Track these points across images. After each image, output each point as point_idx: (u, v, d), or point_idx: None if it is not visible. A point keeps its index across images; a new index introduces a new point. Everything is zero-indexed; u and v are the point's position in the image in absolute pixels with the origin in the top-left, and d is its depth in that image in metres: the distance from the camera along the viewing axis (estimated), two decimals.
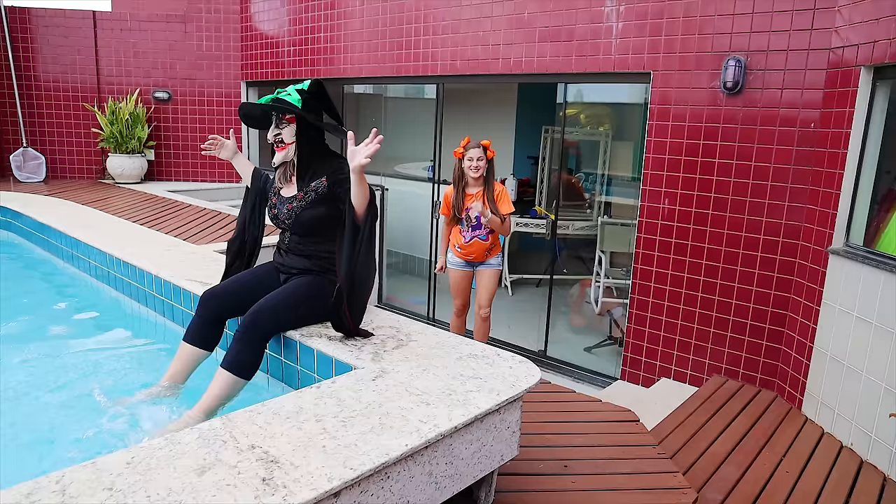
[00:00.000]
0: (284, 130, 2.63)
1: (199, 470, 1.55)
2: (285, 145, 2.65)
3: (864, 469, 3.11)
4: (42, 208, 5.54)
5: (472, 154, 4.21)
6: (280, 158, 2.68)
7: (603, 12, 4.45)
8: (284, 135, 2.64)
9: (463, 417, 1.87)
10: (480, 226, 4.28)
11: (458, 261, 4.43)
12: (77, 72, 8.07)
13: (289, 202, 2.67)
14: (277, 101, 2.61)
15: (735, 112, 3.95)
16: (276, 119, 2.64)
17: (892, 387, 3.05)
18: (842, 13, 3.51)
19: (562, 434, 2.87)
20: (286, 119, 2.62)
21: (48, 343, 3.35)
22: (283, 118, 2.62)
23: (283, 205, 2.69)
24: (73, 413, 2.55)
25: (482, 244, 4.31)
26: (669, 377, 4.41)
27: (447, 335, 2.58)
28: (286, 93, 2.62)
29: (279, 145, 2.66)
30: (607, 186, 6.87)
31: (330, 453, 1.65)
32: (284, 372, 2.65)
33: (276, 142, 2.66)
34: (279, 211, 2.70)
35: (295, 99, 2.60)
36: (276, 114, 2.63)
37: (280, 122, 2.63)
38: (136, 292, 3.70)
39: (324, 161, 2.68)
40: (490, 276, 4.39)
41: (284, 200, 2.70)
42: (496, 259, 4.40)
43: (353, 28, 6.47)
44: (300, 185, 2.68)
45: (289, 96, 2.60)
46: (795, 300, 3.83)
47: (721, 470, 3.03)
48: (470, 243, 4.32)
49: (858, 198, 3.46)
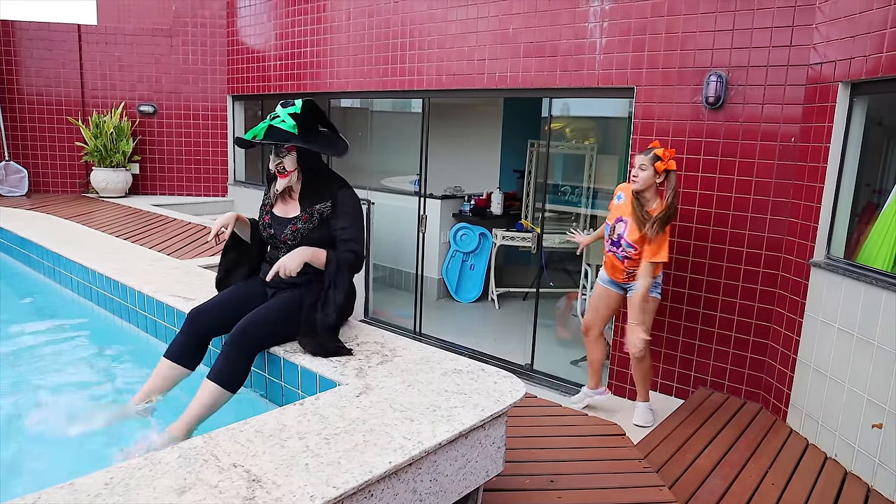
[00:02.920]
0: (286, 159, 2.62)
1: (179, 490, 1.53)
2: (288, 172, 2.64)
3: (848, 480, 3.12)
4: (24, 222, 5.48)
5: (636, 160, 3.59)
6: (284, 184, 2.66)
7: (587, 28, 4.50)
8: (286, 163, 2.63)
9: (447, 434, 1.86)
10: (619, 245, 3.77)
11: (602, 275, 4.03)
12: (61, 85, 8.02)
13: (292, 223, 2.67)
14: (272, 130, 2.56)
15: (717, 127, 4.00)
16: (276, 149, 2.62)
17: (875, 398, 3.08)
18: (820, 30, 3.58)
19: (548, 448, 2.86)
20: (286, 149, 2.61)
21: (24, 359, 3.30)
22: (282, 148, 2.61)
23: (285, 225, 2.67)
24: (49, 431, 2.50)
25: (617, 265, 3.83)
26: (655, 390, 4.42)
27: (432, 350, 2.57)
28: (280, 119, 2.57)
29: (282, 173, 2.64)
30: (593, 199, 6.91)
31: (313, 471, 1.63)
32: (268, 388, 2.62)
33: (278, 170, 2.64)
34: (279, 231, 2.68)
35: (290, 125, 2.55)
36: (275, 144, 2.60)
37: (280, 151, 2.61)
38: (119, 308, 3.66)
39: (328, 182, 2.71)
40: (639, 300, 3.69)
41: (285, 221, 2.69)
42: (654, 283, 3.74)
43: (340, 43, 6.49)
44: (304, 207, 2.68)
45: (283, 123, 2.55)
46: (779, 312, 3.86)
47: (707, 483, 3.03)
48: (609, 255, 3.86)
49: (839, 211, 3.51)
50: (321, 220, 2.66)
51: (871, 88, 3.32)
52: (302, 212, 2.68)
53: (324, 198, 2.68)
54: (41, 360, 3.31)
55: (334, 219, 2.66)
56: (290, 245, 2.67)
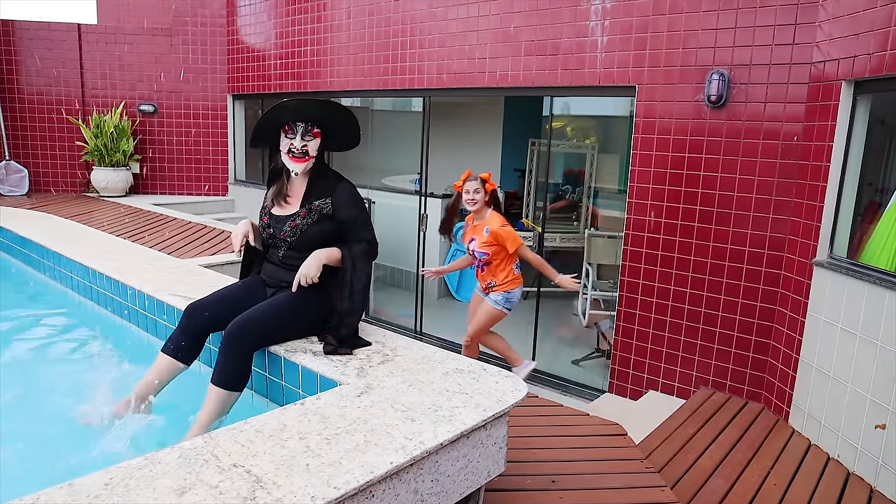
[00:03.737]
0: (311, 143, 2.63)
1: (179, 490, 1.52)
2: (308, 157, 2.63)
3: (850, 481, 3.11)
4: (24, 222, 5.47)
5: (467, 186, 4.11)
6: (302, 169, 2.64)
7: (588, 26, 4.49)
8: (311, 147, 2.63)
9: (449, 434, 1.85)
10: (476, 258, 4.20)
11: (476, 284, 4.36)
12: (61, 84, 8.01)
13: (291, 220, 2.66)
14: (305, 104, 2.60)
15: (719, 125, 3.99)
16: (305, 129, 2.61)
17: (878, 398, 3.06)
18: (823, 28, 3.56)
19: (549, 449, 2.85)
20: (313, 132, 2.62)
21: (23, 358, 3.29)
22: (310, 130, 2.62)
23: (284, 223, 2.67)
24: (48, 431, 2.49)
25: (480, 274, 4.23)
26: (657, 389, 4.41)
27: (433, 350, 2.56)
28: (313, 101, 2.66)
29: (304, 157, 2.62)
30: (594, 198, 6.90)
31: (314, 472, 1.62)
32: (269, 388, 2.61)
33: (301, 152, 2.62)
34: (277, 230, 2.68)
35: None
36: (307, 123, 2.61)
37: (307, 133, 2.61)
38: (119, 307, 3.65)
39: (329, 180, 2.71)
40: (483, 309, 4.21)
41: (283, 219, 2.68)
42: (496, 296, 4.15)
43: (340, 41, 6.48)
44: (303, 203, 2.67)
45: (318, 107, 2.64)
46: (781, 312, 3.85)
47: (709, 483, 3.02)
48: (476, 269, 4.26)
49: (841, 210, 3.49)
50: (320, 215, 2.66)
51: (874, 87, 3.30)
52: (301, 208, 2.67)
53: (323, 194, 2.68)
54: (40, 359, 3.30)
55: (338, 214, 2.66)
56: (289, 242, 2.66)
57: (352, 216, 2.65)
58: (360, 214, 2.68)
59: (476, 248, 4.13)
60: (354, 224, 2.66)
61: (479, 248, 4.12)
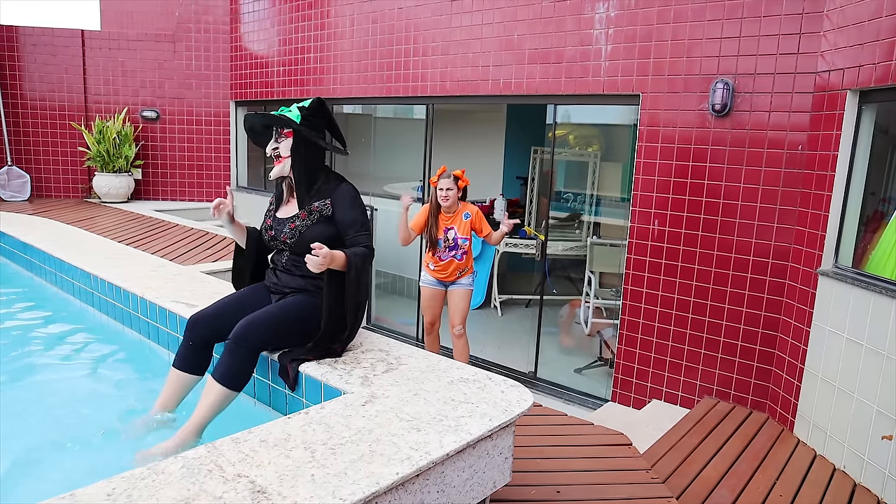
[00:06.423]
0: (282, 144, 2.68)
1: (182, 501, 1.50)
2: (282, 159, 2.69)
3: (857, 492, 3.08)
4: (26, 227, 5.46)
5: (441, 184, 4.34)
6: (277, 172, 2.72)
7: (592, 35, 4.49)
8: (281, 148, 2.68)
9: (455, 444, 1.83)
10: (458, 246, 4.39)
11: (431, 279, 4.54)
12: (64, 90, 8.03)
13: (290, 221, 2.68)
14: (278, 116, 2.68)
15: (723, 134, 3.98)
16: (276, 133, 2.69)
17: (884, 408, 3.04)
18: (827, 38, 3.56)
19: (554, 458, 2.82)
20: (284, 133, 2.67)
21: (28, 368, 3.27)
22: (281, 132, 2.67)
23: (284, 224, 2.69)
24: (56, 441, 2.47)
25: (458, 263, 4.42)
26: (660, 399, 4.38)
27: (437, 358, 2.54)
28: (287, 109, 2.71)
29: (277, 159, 2.71)
30: (596, 207, 6.89)
31: (319, 482, 1.60)
32: (272, 396, 2.59)
33: (274, 155, 2.70)
34: (278, 231, 2.70)
35: (294, 115, 2.66)
36: (276, 127, 2.68)
37: (279, 135, 2.68)
38: (121, 314, 3.64)
39: (328, 182, 2.71)
40: (461, 296, 4.50)
41: (284, 221, 2.70)
42: (468, 279, 4.51)
43: (343, 49, 6.48)
44: (302, 204, 2.68)
45: (290, 112, 2.68)
46: (786, 321, 3.83)
47: (714, 494, 2.99)
48: (447, 262, 4.41)
49: (847, 219, 3.48)
50: (320, 217, 2.65)
51: (879, 96, 3.30)
52: (301, 210, 2.68)
53: (322, 196, 2.68)
54: (43, 366, 3.28)
55: (337, 215, 2.65)
56: (289, 244, 2.66)
57: (351, 217, 2.64)
58: (360, 217, 2.67)
59: (458, 235, 4.33)
60: (354, 226, 2.64)
61: (461, 235, 4.34)
